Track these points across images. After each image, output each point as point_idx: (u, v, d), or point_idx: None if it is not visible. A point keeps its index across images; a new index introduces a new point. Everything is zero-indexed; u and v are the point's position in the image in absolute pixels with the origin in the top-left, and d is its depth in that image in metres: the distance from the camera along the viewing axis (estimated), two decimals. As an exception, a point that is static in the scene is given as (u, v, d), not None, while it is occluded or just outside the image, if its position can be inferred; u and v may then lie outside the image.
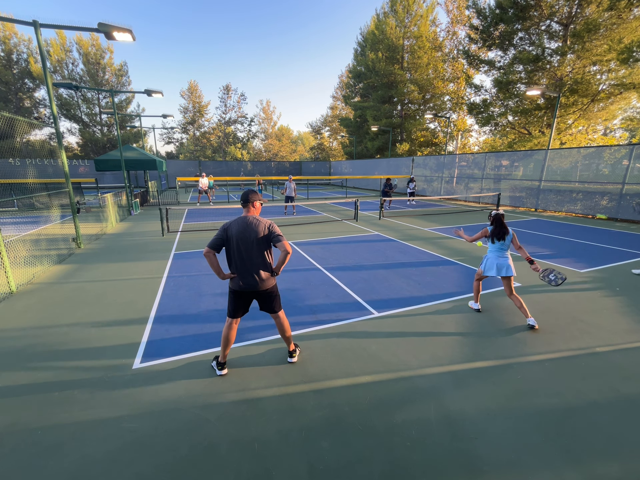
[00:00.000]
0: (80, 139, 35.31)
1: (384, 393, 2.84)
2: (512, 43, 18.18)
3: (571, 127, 18.26)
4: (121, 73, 35.03)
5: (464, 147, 30.90)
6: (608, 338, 3.70)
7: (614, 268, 6.19)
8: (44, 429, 2.47)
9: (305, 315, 4.30)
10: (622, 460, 2.18)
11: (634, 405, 2.68)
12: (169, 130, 48.31)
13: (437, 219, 12.18)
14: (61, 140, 7.39)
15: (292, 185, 13.00)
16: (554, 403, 2.71)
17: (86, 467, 2.16)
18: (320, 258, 6.95)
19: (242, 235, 2.85)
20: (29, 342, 3.69)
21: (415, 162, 23.36)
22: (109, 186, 26.04)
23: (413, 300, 4.75)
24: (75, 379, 3.05)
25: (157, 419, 2.56)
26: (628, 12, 14.06)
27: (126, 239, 9.03)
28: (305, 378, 3.05)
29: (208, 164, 34.27)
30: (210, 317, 4.25)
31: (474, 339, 3.70)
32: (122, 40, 7.53)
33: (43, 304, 4.76)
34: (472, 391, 2.86)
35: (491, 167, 17.43)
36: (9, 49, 30.56)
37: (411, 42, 28.57)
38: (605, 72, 15.94)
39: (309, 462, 2.19)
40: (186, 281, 5.62)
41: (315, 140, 55.78)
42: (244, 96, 50.17)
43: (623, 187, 11.49)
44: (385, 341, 3.66)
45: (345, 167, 35.00)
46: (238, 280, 2.94)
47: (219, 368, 3.10)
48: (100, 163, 14.16)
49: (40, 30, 6.77)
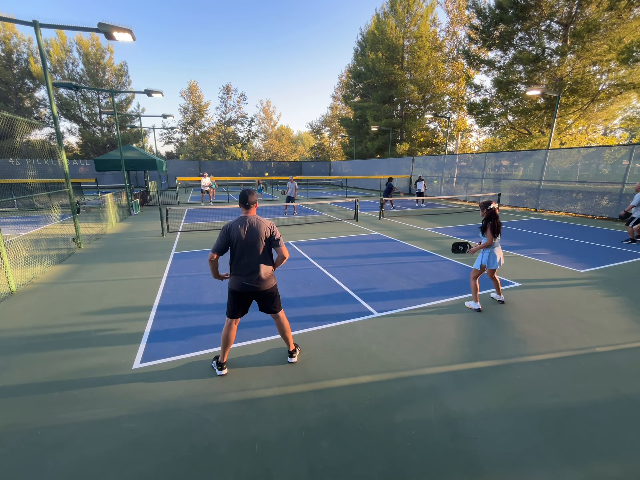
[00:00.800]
0: (80, 139, 35.31)
1: (384, 393, 2.84)
2: (512, 43, 18.17)
3: (571, 127, 18.26)
4: (121, 73, 35.04)
5: (464, 147, 30.90)
6: (608, 338, 3.70)
7: (614, 268, 6.19)
8: (44, 429, 2.47)
9: (305, 315, 4.30)
10: (622, 460, 2.18)
11: (634, 405, 2.68)
12: (169, 130, 48.39)
13: (437, 219, 12.18)
14: (61, 140, 7.39)
15: (292, 185, 13.01)
16: (554, 403, 2.71)
17: (86, 467, 2.16)
18: (320, 258, 6.95)
19: (244, 235, 2.86)
20: (29, 342, 3.69)
21: (415, 162, 23.35)
22: (109, 186, 26.04)
23: (413, 300, 4.75)
24: (75, 379, 3.05)
25: (157, 419, 2.56)
26: (628, 12, 14.06)
27: (126, 239, 9.04)
28: (305, 378, 3.05)
29: (208, 164, 34.28)
30: (210, 317, 4.25)
31: (474, 339, 3.70)
32: (122, 40, 7.53)
33: (43, 304, 4.76)
34: (472, 391, 2.86)
35: (491, 167, 17.43)
36: (9, 49, 30.56)
37: (411, 42, 28.57)
38: (605, 72, 15.94)
39: (309, 462, 2.19)
40: (186, 281, 5.62)
41: (315, 140, 55.78)
42: (244, 96, 50.22)
43: (623, 187, 11.49)
44: (385, 341, 3.66)
45: (345, 167, 35.00)
46: (239, 280, 2.93)
47: (219, 368, 3.10)
48: (100, 163, 14.16)
49: (40, 30, 6.78)
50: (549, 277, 5.70)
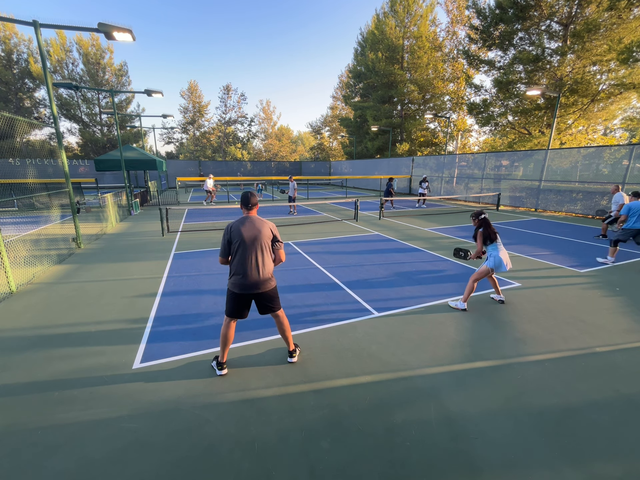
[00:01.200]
0: (80, 139, 35.31)
1: (384, 393, 2.84)
2: (512, 43, 18.17)
3: (571, 127, 18.26)
4: (121, 73, 35.03)
5: (464, 147, 30.90)
6: (608, 338, 3.70)
7: (614, 268, 6.19)
8: (44, 429, 2.47)
9: (305, 315, 4.30)
10: (622, 460, 2.18)
11: (634, 405, 2.68)
12: (169, 130, 48.36)
13: (437, 219, 12.18)
14: (61, 140, 7.39)
15: (292, 184, 13.02)
16: (554, 403, 2.71)
17: (86, 467, 2.16)
18: (320, 258, 6.95)
19: (245, 235, 2.87)
20: (29, 342, 3.69)
21: (415, 162, 23.35)
22: (109, 186, 26.02)
23: (413, 300, 4.75)
24: (75, 379, 3.04)
25: (157, 419, 2.56)
26: (628, 12, 14.06)
27: (126, 239, 9.03)
28: (305, 378, 3.05)
29: (208, 164, 34.27)
30: (210, 317, 4.25)
31: (474, 339, 3.70)
32: (122, 40, 7.53)
33: (43, 304, 4.76)
34: (472, 391, 2.86)
35: (491, 167, 17.43)
36: (9, 49, 30.55)
37: (411, 42, 28.57)
38: (605, 72, 15.94)
39: (309, 462, 2.19)
40: (186, 281, 5.62)
41: (315, 140, 55.77)
42: (244, 96, 50.26)
43: (623, 187, 11.48)
44: (385, 341, 3.66)
45: (345, 167, 35.00)
46: (238, 280, 2.92)
47: (219, 368, 3.09)
48: (100, 163, 14.16)
49: (40, 30, 6.78)
50: (549, 277, 5.70)
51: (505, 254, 4.30)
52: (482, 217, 4.31)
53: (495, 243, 4.29)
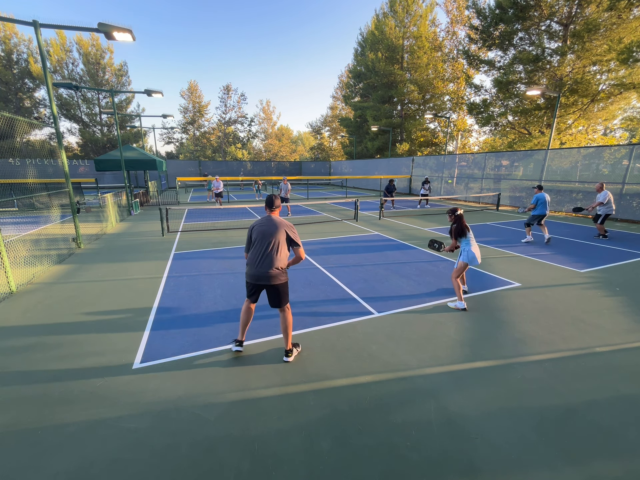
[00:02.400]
0: (80, 139, 35.30)
1: (384, 393, 2.84)
2: (512, 43, 18.17)
3: (571, 127, 18.27)
4: (121, 73, 35.03)
5: (464, 147, 30.89)
6: (608, 338, 3.70)
7: (614, 268, 6.19)
8: (44, 429, 2.47)
9: (305, 315, 4.30)
10: (622, 460, 2.18)
11: (634, 405, 2.68)
12: (169, 130, 48.35)
13: (436, 219, 12.18)
14: (61, 140, 7.39)
15: (286, 186, 12.91)
16: (554, 403, 2.71)
17: (86, 467, 2.16)
18: (320, 258, 6.94)
19: (263, 229, 3.15)
20: (29, 342, 3.69)
21: (415, 162, 23.35)
22: (109, 186, 26.03)
23: (413, 300, 4.75)
24: (75, 379, 3.04)
25: (157, 419, 2.56)
26: (628, 12, 14.06)
27: (126, 239, 9.03)
28: (305, 378, 3.05)
29: (208, 164, 34.26)
30: (210, 317, 4.25)
31: (474, 339, 3.70)
32: (122, 40, 7.53)
33: (43, 304, 4.76)
34: (472, 391, 2.86)
35: (491, 167, 17.42)
36: (9, 49, 30.54)
37: (411, 42, 28.58)
38: (605, 72, 15.94)
39: (309, 462, 2.19)
40: (186, 281, 5.62)
41: (315, 140, 55.75)
42: (244, 96, 50.21)
43: (623, 187, 11.49)
44: (385, 341, 3.66)
45: (345, 167, 34.99)
46: (249, 270, 3.18)
47: (235, 344, 3.42)
48: (100, 163, 14.15)
49: (40, 30, 6.77)
50: (549, 277, 5.70)
51: (477, 249, 4.49)
52: (457, 213, 4.56)
53: (467, 238, 4.48)
